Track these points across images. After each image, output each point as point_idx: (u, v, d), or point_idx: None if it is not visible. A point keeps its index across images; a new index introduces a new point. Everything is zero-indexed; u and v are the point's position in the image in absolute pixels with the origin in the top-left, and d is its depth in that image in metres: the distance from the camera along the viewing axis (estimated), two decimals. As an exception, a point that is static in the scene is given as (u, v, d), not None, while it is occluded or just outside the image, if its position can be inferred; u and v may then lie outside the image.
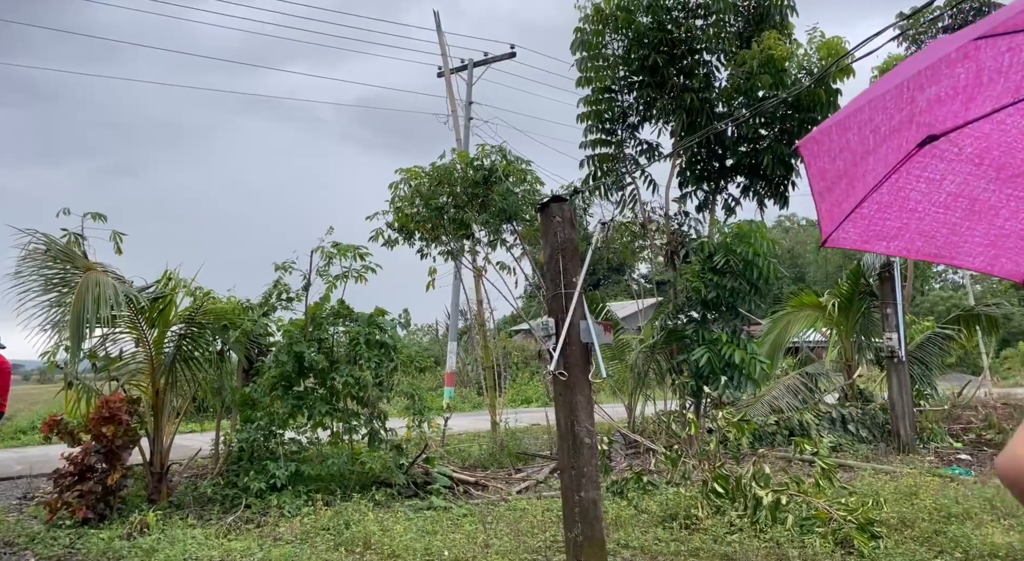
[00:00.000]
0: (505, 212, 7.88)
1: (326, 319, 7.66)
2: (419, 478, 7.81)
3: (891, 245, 2.07)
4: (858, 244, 2.12)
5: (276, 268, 7.51)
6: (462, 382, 20.57)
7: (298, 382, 7.66)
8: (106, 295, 6.47)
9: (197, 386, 7.83)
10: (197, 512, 6.85)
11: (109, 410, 6.85)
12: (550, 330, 5.27)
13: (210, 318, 7.69)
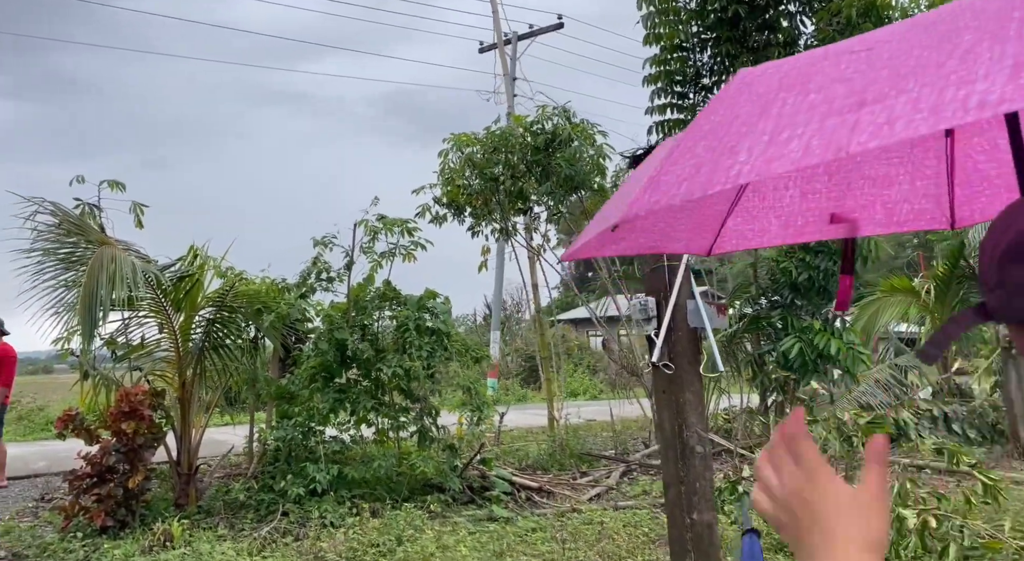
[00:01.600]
0: (571, 180, 6.88)
1: (370, 302, 6.77)
2: (475, 482, 6.90)
3: (619, 247, 2.15)
4: (593, 252, 2.15)
5: (315, 244, 6.63)
6: (503, 374, 19.67)
7: (339, 373, 6.80)
8: (123, 273, 5.66)
9: (228, 377, 7.03)
10: (228, 520, 6.03)
11: (129, 404, 6.07)
12: (649, 312, 4.27)
13: (242, 301, 6.87)
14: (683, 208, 2.17)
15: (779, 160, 0.96)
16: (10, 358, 7.97)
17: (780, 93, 1.09)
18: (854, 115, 0.91)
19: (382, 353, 6.74)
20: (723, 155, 1.09)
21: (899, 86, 0.87)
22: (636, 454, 8.57)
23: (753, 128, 1.08)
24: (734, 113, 1.17)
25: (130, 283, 5.60)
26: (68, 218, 5.77)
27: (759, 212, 2.32)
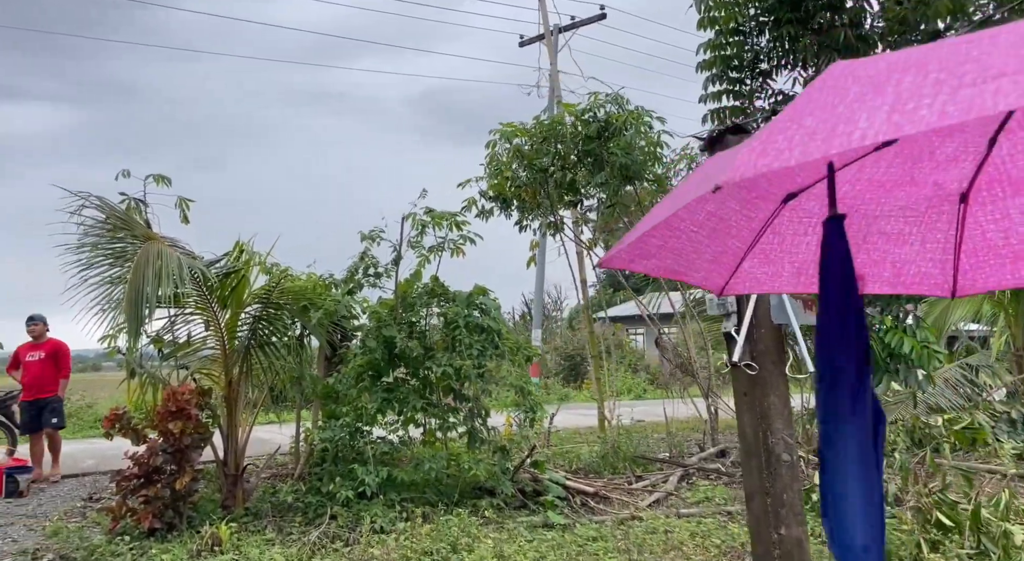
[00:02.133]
0: (626, 169, 6.54)
1: (418, 299, 6.53)
2: (527, 486, 6.62)
3: (649, 264, 2.19)
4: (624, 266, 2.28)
5: (362, 238, 6.42)
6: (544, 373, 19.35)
7: (387, 372, 6.58)
8: (169, 269, 5.52)
9: (274, 376, 6.87)
10: (276, 523, 5.86)
11: (176, 404, 5.94)
12: (729, 307, 3.93)
13: (288, 298, 6.70)
14: (710, 237, 2.26)
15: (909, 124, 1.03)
16: (65, 351, 8.02)
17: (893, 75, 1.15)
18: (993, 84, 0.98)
19: (430, 351, 6.51)
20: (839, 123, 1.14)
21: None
22: (692, 457, 8.19)
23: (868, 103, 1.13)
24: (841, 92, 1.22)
25: (176, 279, 5.45)
26: (114, 213, 5.65)
27: (775, 256, 2.40)
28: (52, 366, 7.91)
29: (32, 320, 7.94)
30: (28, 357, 7.89)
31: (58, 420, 7.96)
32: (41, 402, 7.80)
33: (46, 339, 7.96)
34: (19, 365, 7.90)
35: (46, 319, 8.01)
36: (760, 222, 2.30)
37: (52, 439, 7.99)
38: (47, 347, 7.92)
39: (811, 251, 2.38)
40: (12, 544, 5.41)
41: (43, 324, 7.96)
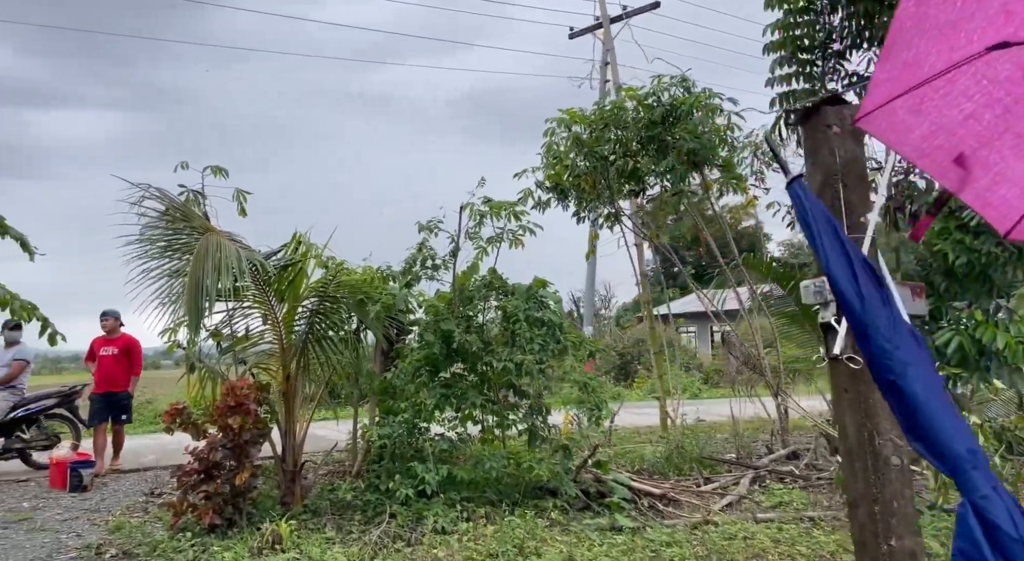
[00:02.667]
0: (695, 154, 6.20)
1: (476, 292, 6.33)
2: (589, 486, 6.35)
3: (911, 149, 1.95)
4: (883, 134, 2.05)
5: (420, 229, 6.25)
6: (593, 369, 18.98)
7: (445, 367, 6.40)
8: (228, 262, 5.43)
9: (331, 371, 6.76)
10: (335, 521, 5.73)
11: (236, 399, 5.86)
12: (827, 295, 3.58)
13: (345, 291, 6.58)
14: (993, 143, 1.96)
15: None
16: (138, 348, 8.13)
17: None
18: None
19: (489, 346, 6.29)
20: None
21: None
22: (762, 459, 7.78)
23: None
24: None
25: (235, 272, 5.36)
26: (174, 204, 5.60)
27: None
28: (125, 362, 8.05)
29: (104, 315, 8.07)
30: (102, 351, 8.04)
31: (126, 416, 8.13)
32: (111, 397, 7.94)
33: (119, 335, 8.10)
34: (95, 357, 8.06)
35: (119, 315, 8.12)
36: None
37: (117, 434, 8.11)
38: (120, 343, 8.06)
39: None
40: (76, 538, 5.41)
41: (115, 319, 8.08)
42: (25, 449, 7.91)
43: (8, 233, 4.93)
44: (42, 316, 4.91)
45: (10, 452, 7.80)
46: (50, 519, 5.93)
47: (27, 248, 5.10)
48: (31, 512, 6.14)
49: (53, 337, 4.97)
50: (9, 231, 4.93)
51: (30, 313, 4.81)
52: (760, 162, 8.27)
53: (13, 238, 4.98)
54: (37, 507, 6.35)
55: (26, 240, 5.07)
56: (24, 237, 5.07)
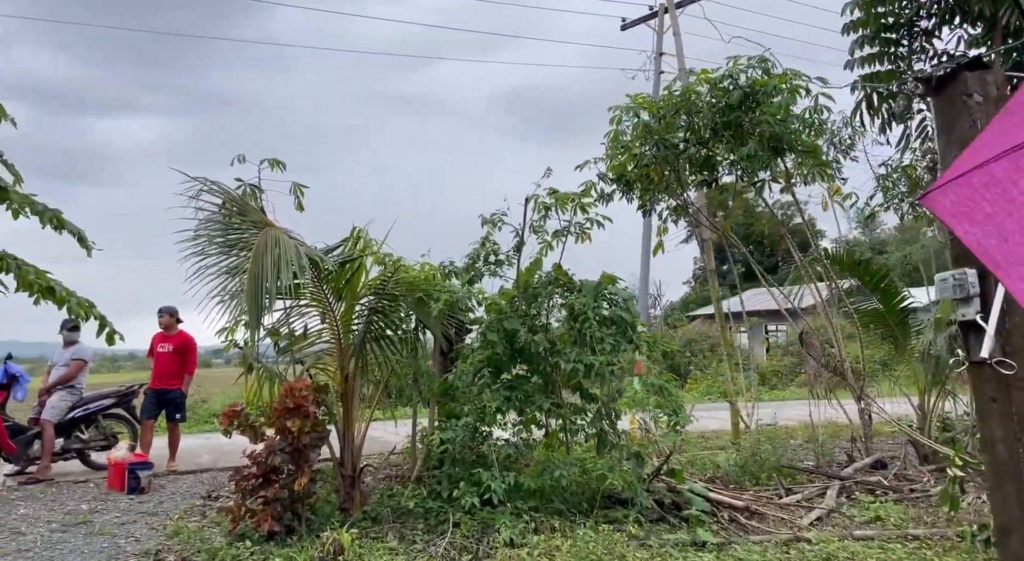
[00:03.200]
0: (778, 139, 5.73)
1: (541, 288, 5.98)
2: (664, 497, 5.94)
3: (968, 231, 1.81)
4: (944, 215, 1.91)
5: (483, 222, 5.93)
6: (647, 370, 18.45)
7: (508, 368, 6.07)
8: (287, 257, 5.20)
9: (389, 371, 6.51)
10: (397, 529, 5.45)
11: (294, 400, 5.64)
12: (969, 289, 3.13)
13: (403, 289, 6.31)
14: None
15: None
16: (192, 346, 8.05)
17: None
18: None
19: (554, 346, 5.94)
20: None
21: None
22: (847, 468, 7.24)
23: None
24: None
25: (295, 268, 5.13)
26: (231, 198, 5.40)
27: None
28: (179, 360, 7.98)
29: (160, 312, 8.02)
30: (159, 348, 8.02)
31: (180, 415, 8.06)
32: (164, 394, 7.88)
33: (176, 332, 8.04)
34: (154, 353, 8.02)
35: (176, 311, 8.06)
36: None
37: (172, 434, 8.05)
38: (175, 341, 8.00)
39: None
40: (135, 543, 5.25)
41: (170, 316, 8.01)
42: (84, 449, 7.89)
43: (65, 227, 4.79)
44: (99, 315, 4.76)
45: (69, 452, 7.78)
46: (108, 522, 5.81)
47: (84, 243, 4.97)
48: (89, 515, 6.04)
49: (111, 336, 4.82)
50: (66, 225, 4.80)
51: (87, 311, 4.66)
52: (837, 151, 7.72)
53: (70, 233, 4.85)
54: (95, 509, 6.25)
55: (83, 234, 4.94)
56: (81, 232, 4.94)
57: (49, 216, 4.77)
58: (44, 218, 4.74)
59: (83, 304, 4.66)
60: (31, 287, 4.35)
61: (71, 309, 4.64)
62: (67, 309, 4.67)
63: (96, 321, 4.77)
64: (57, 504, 6.44)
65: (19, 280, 4.41)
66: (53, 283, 4.56)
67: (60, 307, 4.66)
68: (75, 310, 4.61)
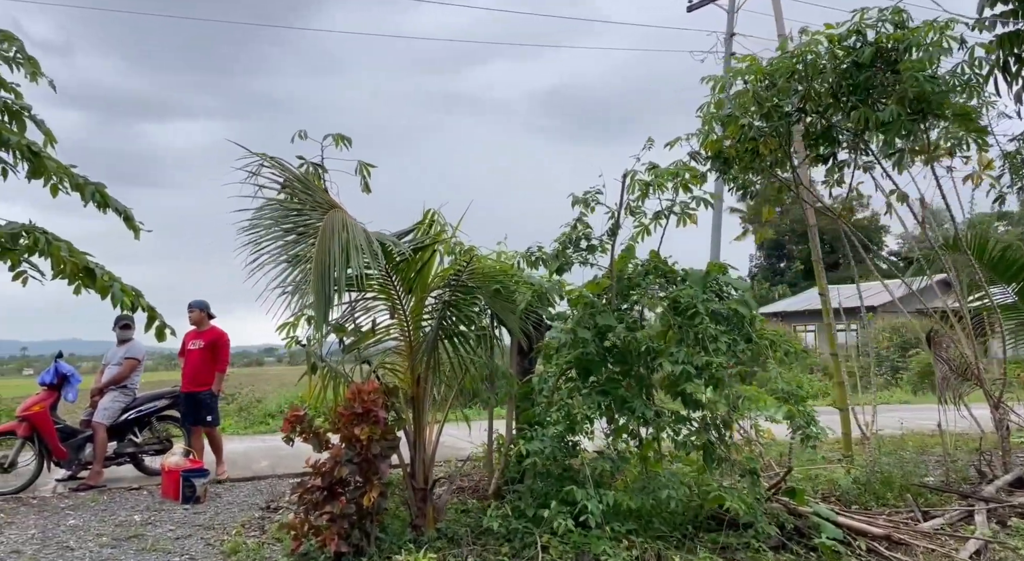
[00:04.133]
0: (925, 100, 4.85)
1: (639, 278, 5.23)
2: (785, 520, 5.12)
3: None
4: None
5: (574, 202, 5.19)
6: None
7: (599, 369, 5.33)
8: (357, 242, 4.58)
9: (464, 372, 5.84)
10: (478, 552, 4.78)
11: (363, 404, 5.02)
12: None
13: (478, 280, 5.65)
14: None
15: None
16: (224, 342, 7.47)
17: None
18: None
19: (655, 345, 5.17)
20: None
21: None
22: (979, 485, 6.26)
23: None
24: None
25: (366, 255, 4.50)
26: (293, 175, 4.79)
27: None
28: (209, 357, 7.37)
29: (190, 307, 7.49)
30: (190, 345, 7.43)
31: (212, 418, 7.38)
32: (195, 396, 7.29)
33: (207, 327, 7.48)
34: (184, 352, 7.50)
35: (207, 306, 7.53)
36: None
37: (211, 437, 7.45)
38: (206, 336, 7.42)
39: None
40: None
41: (200, 311, 7.47)
42: (137, 453, 7.45)
43: (109, 205, 4.24)
44: (148, 305, 4.18)
45: (122, 457, 7.35)
46: (162, 536, 5.29)
47: (131, 223, 4.43)
48: (142, 527, 5.54)
49: (161, 331, 4.24)
50: (110, 202, 4.25)
51: (133, 300, 4.08)
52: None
53: (116, 211, 4.30)
54: (148, 521, 5.76)
55: (130, 213, 4.39)
56: (128, 210, 4.39)
57: (91, 190, 4.21)
58: (85, 193, 4.18)
59: (129, 292, 4.07)
60: (63, 268, 3.75)
61: (115, 297, 4.05)
62: (111, 298, 4.07)
63: (144, 313, 4.16)
64: (108, 514, 5.98)
65: (51, 260, 3.83)
66: (93, 265, 3.96)
67: (103, 296, 4.08)
68: (119, 299, 4.02)
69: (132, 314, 7.61)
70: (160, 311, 6.54)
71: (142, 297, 4.22)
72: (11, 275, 3.85)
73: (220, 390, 7.58)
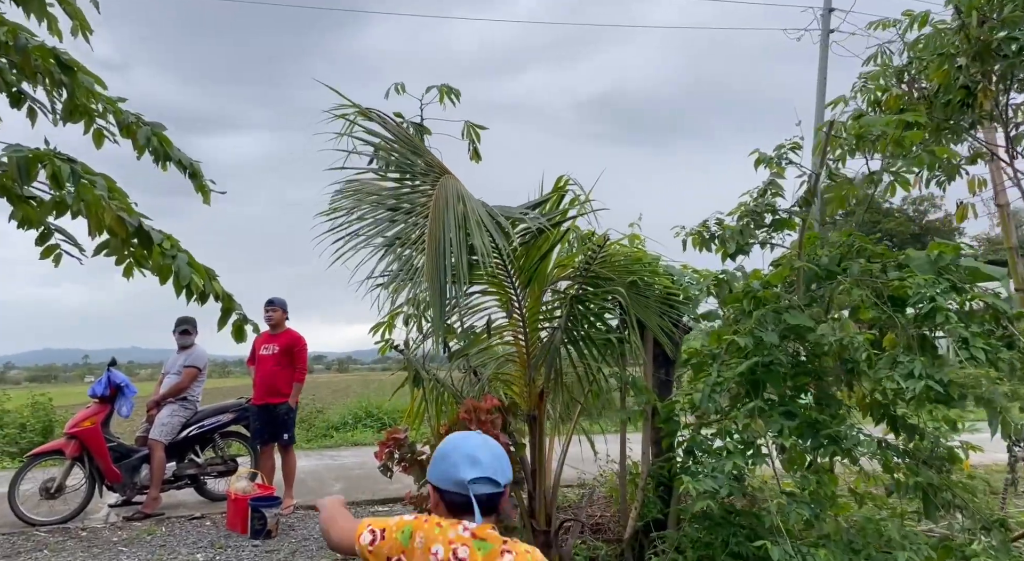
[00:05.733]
0: None
1: (849, 261, 3.98)
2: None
3: None
4: None
5: (757, 160, 3.98)
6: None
7: (779, 383, 4.10)
8: (479, 216, 3.49)
9: (591, 383, 4.70)
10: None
11: (481, 426, 3.92)
12: None
13: (613, 270, 4.51)
14: None
15: None
16: (301, 346, 6.44)
17: None
18: None
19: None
20: None
21: None
22: None
23: None
24: None
25: (491, 234, 3.41)
26: (396, 133, 3.72)
27: None
28: (286, 363, 6.34)
29: (270, 304, 6.44)
30: (262, 350, 6.37)
31: (288, 435, 6.31)
32: (270, 409, 6.23)
33: (283, 330, 6.46)
34: (255, 358, 6.49)
35: (286, 305, 6.51)
36: None
37: (285, 459, 6.37)
38: (281, 340, 6.37)
39: None
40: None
41: (282, 311, 6.46)
42: (199, 475, 6.50)
43: (171, 157, 3.17)
44: (223, 291, 3.08)
45: (182, 479, 6.40)
46: (229, 586, 4.29)
47: (199, 182, 3.37)
48: (206, 572, 4.55)
49: (240, 328, 3.14)
50: (172, 153, 3.17)
51: (202, 276, 2.97)
52: None
53: (179, 166, 3.23)
54: (212, 560, 4.77)
55: (198, 168, 3.30)
56: (196, 166, 3.31)
57: (147, 135, 3.11)
58: (139, 138, 3.10)
59: (200, 269, 2.95)
60: (102, 220, 2.67)
61: (180, 277, 2.90)
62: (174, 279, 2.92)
63: (219, 302, 3.07)
64: (167, 551, 5.03)
65: (89, 218, 2.72)
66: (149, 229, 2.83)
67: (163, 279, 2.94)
68: (186, 279, 2.88)
69: (193, 317, 6.72)
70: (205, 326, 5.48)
71: (216, 280, 3.13)
72: (40, 252, 2.83)
73: (296, 403, 6.55)
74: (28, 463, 5.99)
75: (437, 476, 1.71)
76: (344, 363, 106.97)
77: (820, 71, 14.40)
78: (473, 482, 1.63)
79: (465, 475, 1.64)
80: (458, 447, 1.71)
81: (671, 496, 4.80)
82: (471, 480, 1.63)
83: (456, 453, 1.69)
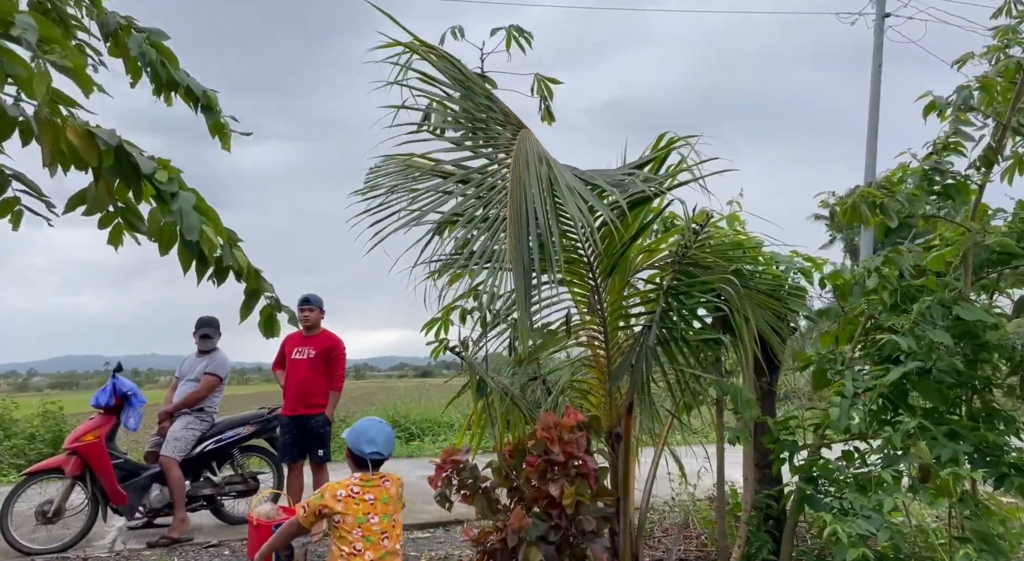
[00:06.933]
0: None
1: (1013, 241, 3.14)
2: None
3: None
4: None
5: (928, 107, 3.10)
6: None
7: (937, 398, 3.26)
8: (569, 183, 2.71)
9: (683, 392, 3.89)
10: None
11: (564, 448, 3.13)
12: None
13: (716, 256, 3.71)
14: None
15: None
16: (340, 351, 5.68)
17: None
18: None
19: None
20: None
21: None
22: None
23: None
24: None
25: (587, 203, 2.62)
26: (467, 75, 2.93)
27: None
28: (323, 370, 5.59)
29: (306, 302, 5.65)
30: (295, 354, 5.62)
31: (324, 452, 5.60)
32: (305, 422, 5.51)
33: (319, 332, 5.69)
34: (285, 363, 5.73)
35: (323, 303, 5.75)
36: None
37: (317, 479, 5.63)
38: (318, 343, 5.63)
39: None
40: None
41: (320, 311, 5.69)
42: (216, 496, 5.74)
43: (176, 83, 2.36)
44: (248, 264, 2.23)
45: (197, 500, 5.65)
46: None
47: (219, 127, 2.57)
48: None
49: (272, 320, 2.30)
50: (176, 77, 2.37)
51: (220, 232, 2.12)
52: None
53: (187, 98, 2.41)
54: (232, 603, 4.01)
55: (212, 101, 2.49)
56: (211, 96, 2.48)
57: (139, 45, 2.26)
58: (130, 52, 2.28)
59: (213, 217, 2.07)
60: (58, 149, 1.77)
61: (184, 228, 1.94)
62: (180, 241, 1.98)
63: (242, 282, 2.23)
64: (179, 589, 4.27)
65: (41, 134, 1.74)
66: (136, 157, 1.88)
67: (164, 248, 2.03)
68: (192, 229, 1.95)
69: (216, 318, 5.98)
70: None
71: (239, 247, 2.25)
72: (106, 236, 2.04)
73: (333, 415, 5.79)
74: (24, 482, 5.26)
75: (351, 443, 3.15)
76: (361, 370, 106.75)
77: (875, 58, 13.47)
78: (371, 454, 3.11)
79: (366, 449, 3.11)
80: (366, 430, 3.17)
81: (781, 531, 3.98)
82: (369, 453, 3.10)
83: (364, 435, 3.14)
